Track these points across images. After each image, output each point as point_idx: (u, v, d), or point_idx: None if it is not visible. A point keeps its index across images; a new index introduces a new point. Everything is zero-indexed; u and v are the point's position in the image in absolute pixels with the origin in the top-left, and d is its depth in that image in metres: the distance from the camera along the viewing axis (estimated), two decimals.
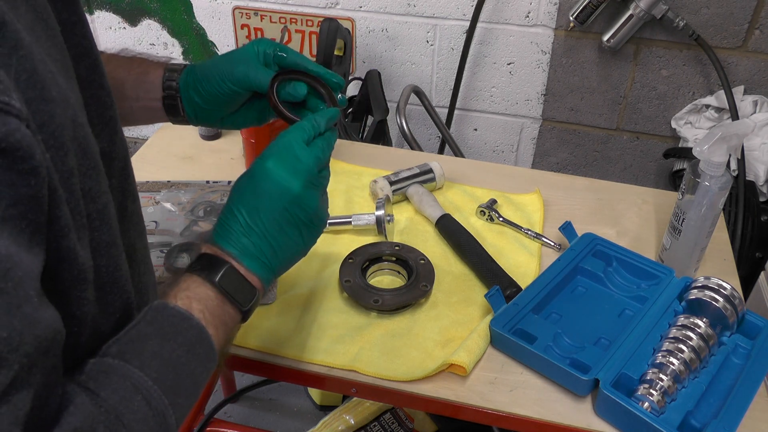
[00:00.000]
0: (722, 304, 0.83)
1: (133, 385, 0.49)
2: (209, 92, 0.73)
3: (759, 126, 1.52)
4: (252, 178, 0.63)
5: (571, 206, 1.13)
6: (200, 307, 0.56)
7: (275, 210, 0.62)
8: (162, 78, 0.74)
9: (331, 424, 1.54)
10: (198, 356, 0.55)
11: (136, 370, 0.50)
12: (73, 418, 0.42)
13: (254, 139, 1.13)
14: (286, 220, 0.63)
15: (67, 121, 0.44)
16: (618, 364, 0.80)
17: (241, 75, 0.71)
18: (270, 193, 0.62)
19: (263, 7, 1.82)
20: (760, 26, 1.51)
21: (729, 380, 0.81)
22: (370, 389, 0.83)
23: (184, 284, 0.58)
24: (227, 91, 0.72)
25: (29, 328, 0.37)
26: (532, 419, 0.79)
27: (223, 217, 0.63)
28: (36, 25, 0.44)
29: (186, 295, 0.57)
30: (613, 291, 0.95)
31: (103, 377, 0.48)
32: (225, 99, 0.73)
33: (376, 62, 1.83)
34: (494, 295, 0.87)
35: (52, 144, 0.42)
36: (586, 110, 1.74)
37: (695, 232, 0.92)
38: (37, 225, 0.40)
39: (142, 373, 0.50)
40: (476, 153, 1.91)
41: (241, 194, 0.63)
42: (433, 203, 1.09)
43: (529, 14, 1.64)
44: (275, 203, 0.62)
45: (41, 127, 0.41)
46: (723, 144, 0.85)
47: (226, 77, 0.71)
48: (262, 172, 0.63)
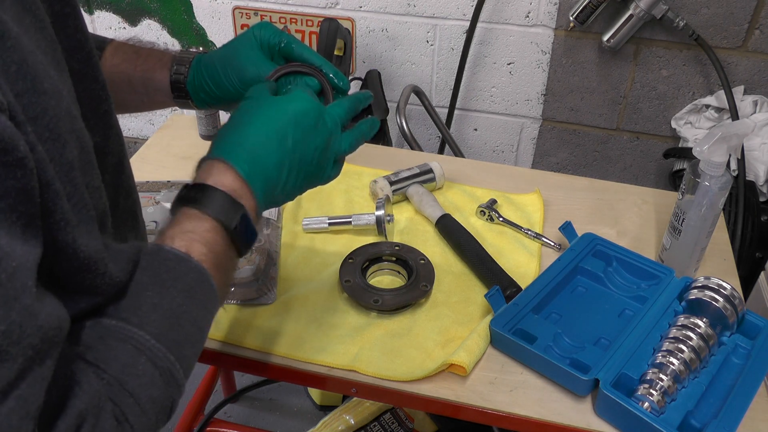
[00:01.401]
0: (722, 304, 0.83)
1: (134, 347, 0.47)
2: (216, 87, 0.72)
3: (759, 126, 1.52)
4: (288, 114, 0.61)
5: (571, 206, 1.13)
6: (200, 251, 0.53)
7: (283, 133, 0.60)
8: (169, 78, 0.73)
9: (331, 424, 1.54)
10: (200, 301, 0.53)
11: (135, 330, 0.48)
12: (77, 401, 0.42)
13: None
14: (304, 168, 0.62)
15: (62, 113, 0.44)
16: (618, 364, 0.80)
17: (245, 75, 0.70)
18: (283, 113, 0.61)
19: (263, 7, 1.82)
20: (760, 26, 1.51)
21: (729, 380, 0.81)
22: (370, 389, 0.83)
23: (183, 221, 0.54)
24: (233, 89, 0.71)
25: (29, 320, 0.37)
26: (532, 419, 0.79)
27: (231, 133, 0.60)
28: (23, 17, 0.44)
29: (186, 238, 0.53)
30: (613, 291, 0.95)
31: (102, 345, 0.47)
32: (233, 93, 0.72)
33: (376, 62, 1.83)
34: (494, 295, 0.87)
35: (47, 137, 0.42)
36: (586, 110, 1.74)
37: (695, 232, 0.92)
38: (30, 217, 0.39)
39: (142, 331, 0.48)
40: (476, 153, 1.91)
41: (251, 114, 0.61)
42: (433, 203, 1.09)
43: (529, 14, 1.64)
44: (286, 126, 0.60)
45: (34, 120, 0.40)
46: (723, 144, 0.85)
47: (232, 75, 0.70)
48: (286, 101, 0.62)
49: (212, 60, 0.72)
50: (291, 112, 0.61)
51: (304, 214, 1.08)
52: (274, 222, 1.04)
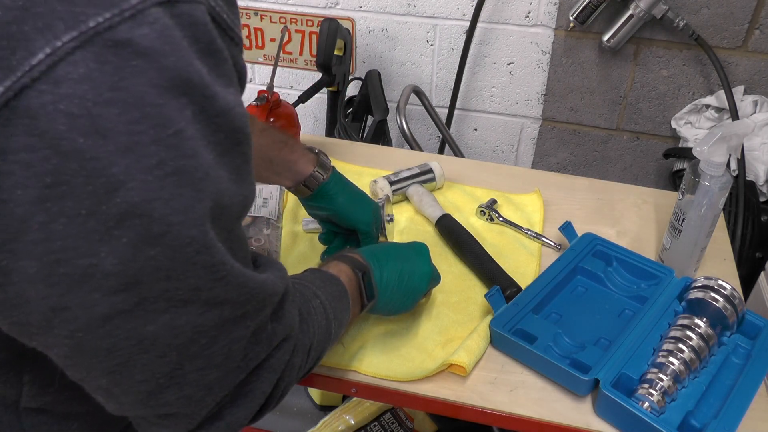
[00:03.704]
0: (722, 304, 0.83)
1: (313, 293, 0.66)
2: (329, 216, 0.91)
3: (759, 126, 1.52)
4: (410, 248, 0.84)
5: (571, 206, 1.13)
6: (345, 279, 0.72)
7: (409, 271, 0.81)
8: (308, 176, 0.87)
9: (331, 424, 1.54)
10: (344, 306, 0.71)
11: (313, 287, 0.67)
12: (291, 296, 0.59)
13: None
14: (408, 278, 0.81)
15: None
16: (618, 364, 0.80)
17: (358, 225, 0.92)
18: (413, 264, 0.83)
19: (263, 7, 1.82)
20: (760, 26, 1.51)
21: (729, 380, 0.81)
22: (370, 389, 0.83)
23: (334, 264, 0.74)
24: (343, 225, 0.92)
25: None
26: (532, 419, 0.79)
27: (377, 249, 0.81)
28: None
29: (337, 269, 0.73)
30: (613, 291, 0.95)
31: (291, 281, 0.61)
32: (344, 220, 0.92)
33: (376, 62, 1.83)
34: (494, 295, 0.87)
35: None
36: (586, 110, 1.74)
37: (695, 232, 0.92)
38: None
39: (318, 291, 0.67)
40: (476, 153, 1.92)
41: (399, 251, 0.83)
42: (433, 203, 1.09)
43: (529, 14, 1.64)
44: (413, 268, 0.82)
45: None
46: (723, 144, 0.85)
47: (347, 220, 0.91)
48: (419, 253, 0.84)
49: (344, 198, 0.90)
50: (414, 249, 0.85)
51: (304, 214, 1.08)
52: (274, 222, 1.03)
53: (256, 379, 0.55)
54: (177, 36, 0.38)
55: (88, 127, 0.36)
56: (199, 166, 0.41)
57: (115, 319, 0.41)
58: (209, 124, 0.41)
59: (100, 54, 0.36)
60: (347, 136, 1.58)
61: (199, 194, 0.41)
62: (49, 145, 0.35)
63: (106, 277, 0.40)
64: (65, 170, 0.36)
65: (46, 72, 0.35)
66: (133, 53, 0.37)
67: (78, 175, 0.36)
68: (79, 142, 0.36)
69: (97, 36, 0.36)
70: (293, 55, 1.88)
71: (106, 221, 0.38)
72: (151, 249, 0.40)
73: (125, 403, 0.47)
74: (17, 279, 0.38)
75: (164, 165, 0.39)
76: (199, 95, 0.40)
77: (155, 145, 0.38)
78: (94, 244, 0.38)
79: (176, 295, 0.43)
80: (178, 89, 0.39)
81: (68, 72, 0.35)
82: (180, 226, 0.41)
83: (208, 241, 0.43)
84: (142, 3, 0.37)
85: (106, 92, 0.36)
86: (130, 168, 0.38)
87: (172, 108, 0.39)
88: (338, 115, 1.66)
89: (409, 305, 0.83)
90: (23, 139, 0.35)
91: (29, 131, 0.35)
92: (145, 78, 0.37)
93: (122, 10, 0.36)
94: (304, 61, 1.89)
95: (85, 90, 0.35)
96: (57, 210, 0.37)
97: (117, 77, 0.36)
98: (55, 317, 0.40)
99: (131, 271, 0.40)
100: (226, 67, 0.43)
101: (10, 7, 0.34)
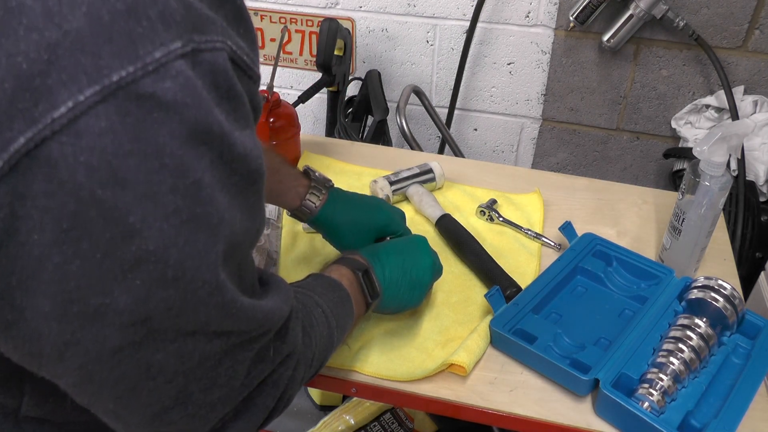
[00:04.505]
0: (722, 304, 0.83)
1: (315, 302, 0.67)
2: (335, 233, 0.89)
3: (759, 126, 1.52)
4: (409, 243, 0.84)
5: (571, 206, 1.13)
6: (347, 283, 0.73)
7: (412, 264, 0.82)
8: (296, 208, 0.86)
9: (331, 424, 1.54)
10: (347, 311, 0.72)
11: (316, 296, 0.68)
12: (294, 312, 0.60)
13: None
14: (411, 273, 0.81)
15: None
16: (618, 364, 0.80)
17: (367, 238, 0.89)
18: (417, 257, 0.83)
19: (263, 7, 1.82)
20: (760, 26, 1.51)
21: (729, 380, 0.81)
22: (370, 389, 0.83)
23: (335, 268, 0.75)
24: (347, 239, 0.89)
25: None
26: (532, 419, 0.79)
27: (377, 248, 0.82)
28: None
29: (338, 273, 0.74)
30: (613, 291, 0.95)
31: (294, 292, 0.62)
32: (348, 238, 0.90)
33: (376, 62, 1.83)
34: (494, 295, 0.87)
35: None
36: (586, 110, 1.74)
37: (695, 232, 0.92)
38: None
39: (320, 298, 0.67)
40: (476, 153, 1.92)
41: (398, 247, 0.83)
42: (433, 203, 1.09)
43: (529, 14, 1.64)
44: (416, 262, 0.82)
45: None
46: (723, 144, 0.85)
47: (342, 249, 0.90)
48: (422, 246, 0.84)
49: (343, 214, 0.87)
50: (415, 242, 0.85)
51: None
52: (274, 222, 1.03)
53: (259, 395, 0.56)
54: (198, 86, 0.39)
55: (108, 178, 0.36)
56: (215, 211, 0.42)
57: (125, 351, 0.42)
58: (226, 169, 0.42)
59: (122, 107, 0.36)
60: (347, 136, 1.58)
61: (213, 239, 0.42)
62: (67, 193, 0.36)
63: (119, 314, 0.40)
64: (83, 216, 0.37)
65: (68, 125, 0.35)
66: (155, 106, 0.37)
67: (95, 222, 0.37)
68: (97, 192, 0.36)
69: (120, 90, 0.36)
70: (293, 55, 1.88)
71: (122, 264, 0.39)
72: (164, 291, 0.41)
73: (131, 423, 0.48)
74: (30, 316, 0.39)
75: (181, 213, 0.40)
76: (218, 143, 0.41)
77: (173, 194, 0.39)
78: (108, 284, 0.39)
79: (186, 327, 0.44)
80: (198, 139, 0.39)
81: (90, 125, 0.35)
82: (194, 271, 0.42)
83: (220, 282, 0.44)
84: (165, 56, 0.37)
85: (126, 144, 0.36)
86: (147, 216, 0.38)
87: (191, 157, 0.39)
88: (338, 115, 1.66)
89: (416, 299, 0.83)
90: (42, 186, 0.35)
91: (48, 179, 0.35)
92: (166, 129, 0.38)
93: (146, 63, 0.37)
94: (304, 61, 1.89)
95: (106, 143, 0.36)
96: (73, 252, 0.37)
97: (138, 129, 0.37)
98: (66, 351, 0.40)
99: (143, 309, 0.41)
100: (244, 110, 0.44)
101: (35, 60, 0.34)
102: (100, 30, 0.35)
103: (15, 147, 0.34)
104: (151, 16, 0.37)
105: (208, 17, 0.40)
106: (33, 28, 0.34)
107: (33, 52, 0.34)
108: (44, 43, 0.34)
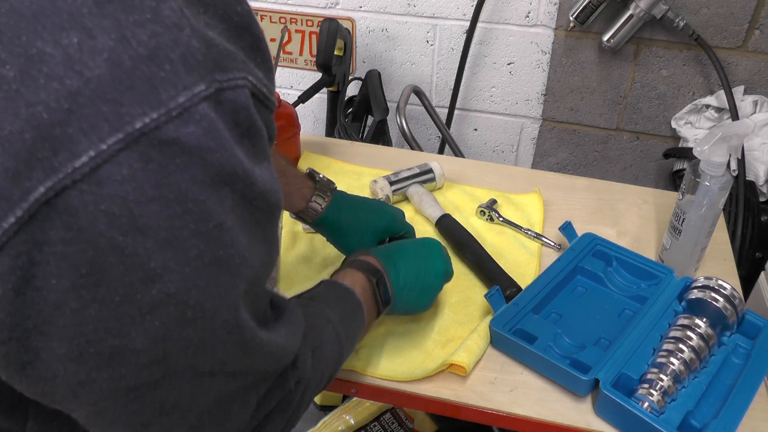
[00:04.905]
0: (722, 304, 0.83)
1: (326, 317, 0.65)
2: (339, 236, 0.89)
3: (759, 126, 1.52)
4: (424, 246, 0.83)
5: (571, 206, 1.13)
6: (360, 290, 0.72)
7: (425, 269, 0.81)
8: (302, 210, 0.86)
9: (331, 424, 1.54)
10: (359, 321, 0.71)
11: (326, 309, 0.66)
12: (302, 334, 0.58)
13: None
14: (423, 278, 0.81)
15: None
16: (618, 364, 0.80)
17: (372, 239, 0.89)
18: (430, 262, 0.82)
19: (263, 7, 1.82)
20: (760, 26, 1.51)
21: (729, 380, 0.81)
22: (370, 389, 0.83)
23: (349, 273, 0.74)
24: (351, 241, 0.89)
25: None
26: (532, 419, 0.79)
27: (392, 249, 0.81)
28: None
29: (352, 280, 0.73)
30: (613, 291, 0.95)
31: (305, 308, 0.62)
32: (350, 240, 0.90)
33: (376, 62, 1.83)
34: (494, 295, 0.87)
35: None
36: (586, 110, 1.74)
37: (695, 232, 0.92)
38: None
39: (330, 311, 0.66)
40: (476, 153, 1.92)
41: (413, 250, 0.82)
42: (433, 203, 1.09)
43: (529, 14, 1.64)
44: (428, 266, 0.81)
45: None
46: (723, 144, 0.85)
47: (345, 251, 0.90)
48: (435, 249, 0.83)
49: (348, 215, 0.88)
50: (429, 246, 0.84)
51: None
52: None
53: (268, 422, 0.56)
54: (221, 128, 0.38)
55: (129, 225, 0.36)
56: (237, 253, 0.41)
57: (140, 389, 0.42)
58: (248, 208, 0.42)
59: (145, 153, 0.35)
60: (347, 136, 1.58)
61: (234, 279, 0.42)
62: (86, 241, 0.35)
63: (136, 355, 0.40)
64: (102, 263, 0.36)
65: (90, 174, 0.34)
66: (178, 151, 0.36)
67: (115, 268, 0.36)
68: (118, 240, 0.36)
69: (143, 137, 0.35)
70: (293, 55, 1.88)
71: (140, 308, 0.38)
72: (183, 330, 0.40)
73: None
74: (46, 357, 0.38)
75: (203, 256, 0.39)
76: (240, 184, 0.40)
77: (195, 238, 0.38)
78: (125, 327, 0.38)
79: (203, 367, 0.44)
80: (221, 182, 0.39)
81: (112, 173, 0.35)
82: (214, 311, 0.41)
83: (240, 321, 0.44)
84: (189, 100, 0.37)
85: (149, 190, 0.36)
86: (168, 261, 0.38)
87: (214, 201, 0.39)
88: (338, 115, 1.66)
89: (425, 304, 0.83)
90: (61, 233, 0.35)
91: (67, 227, 0.35)
92: (188, 174, 0.37)
93: (169, 109, 0.36)
94: (304, 61, 1.89)
95: (128, 190, 0.35)
96: (90, 297, 0.37)
97: (161, 175, 0.36)
98: (81, 389, 0.40)
99: (160, 349, 0.40)
100: (263, 144, 0.43)
101: (55, 109, 0.34)
102: (121, 77, 0.35)
103: (35, 196, 0.34)
104: (173, 59, 0.36)
105: (228, 52, 0.40)
106: (53, 76, 0.34)
107: (53, 102, 0.34)
108: (65, 91, 0.34)
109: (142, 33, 0.35)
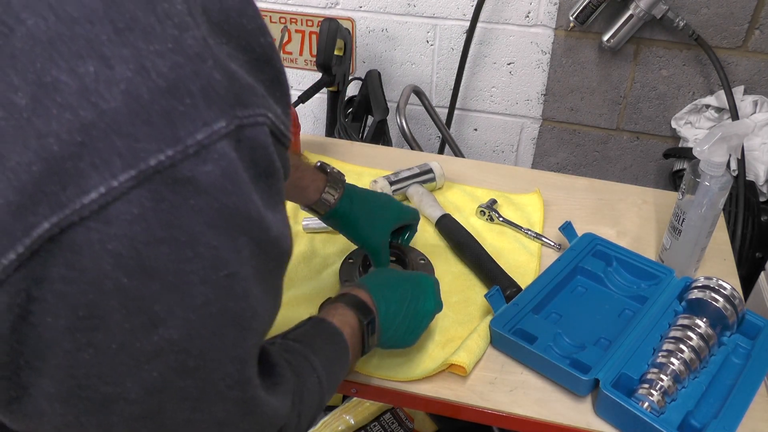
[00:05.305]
0: (722, 304, 0.83)
1: (311, 366, 0.61)
2: (352, 227, 0.88)
3: (759, 126, 1.52)
4: (417, 286, 0.80)
5: (571, 206, 1.13)
6: (348, 332, 0.68)
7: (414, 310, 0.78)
8: (316, 201, 0.85)
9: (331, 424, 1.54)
10: (343, 364, 0.68)
11: (312, 355, 0.62)
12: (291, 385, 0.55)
13: None
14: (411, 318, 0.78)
15: None
16: (618, 364, 0.80)
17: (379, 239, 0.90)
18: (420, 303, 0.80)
19: (263, 7, 1.82)
20: (760, 26, 1.51)
21: (729, 380, 0.81)
22: (370, 389, 0.83)
23: (341, 310, 0.70)
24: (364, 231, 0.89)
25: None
26: (532, 419, 0.79)
27: (384, 285, 0.77)
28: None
29: (341, 321, 0.69)
30: (613, 291, 0.95)
31: (290, 355, 0.59)
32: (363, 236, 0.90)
33: (376, 62, 1.83)
34: (494, 295, 0.87)
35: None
36: (586, 110, 1.74)
37: (695, 232, 0.92)
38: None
39: (315, 358, 0.62)
40: (476, 153, 1.92)
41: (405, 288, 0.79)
42: (433, 203, 1.09)
43: (529, 14, 1.64)
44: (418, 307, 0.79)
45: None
46: (723, 144, 0.85)
47: (357, 241, 0.91)
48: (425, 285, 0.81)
49: (361, 209, 0.87)
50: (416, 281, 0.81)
51: (305, 215, 1.08)
52: None
53: None
54: (239, 168, 0.37)
55: (135, 267, 0.34)
56: (249, 306, 0.40)
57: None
58: (263, 257, 0.40)
59: (158, 192, 0.34)
60: (347, 136, 1.58)
61: (244, 333, 0.40)
62: (88, 281, 0.34)
63: (129, 405, 0.38)
64: (102, 305, 0.34)
65: (98, 211, 0.32)
66: (193, 192, 0.34)
67: (116, 312, 0.35)
68: (123, 281, 0.34)
69: (157, 174, 0.33)
70: (293, 55, 1.88)
71: (139, 356, 0.36)
72: (183, 381, 0.39)
73: None
74: (35, 393, 0.37)
75: (210, 305, 0.37)
76: (256, 231, 0.39)
77: (204, 285, 0.37)
78: (120, 376, 0.37)
79: (199, 427, 0.42)
80: (237, 229, 0.37)
81: (121, 212, 0.33)
82: (217, 363, 0.39)
83: (244, 377, 0.42)
84: (208, 138, 0.35)
85: (158, 231, 0.34)
86: (173, 307, 0.36)
87: (228, 249, 0.37)
88: (338, 115, 1.66)
89: (409, 342, 0.81)
90: (62, 271, 0.33)
91: (69, 264, 0.33)
92: (202, 217, 0.35)
93: (187, 146, 0.34)
94: (304, 61, 1.89)
95: (137, 231, 0.33)
96: (86, 341, 0.35)
97: (172, 216, 0.34)
98: (68, 430, 0.39)
99: (156, 401, 0.38)
100: (279, 185, 0.42)
101: (66, 141, 0.32)
102: (138, 110, 0.33)
103: (38, 232, 0.32)
104: (193, 92, 0.34)
105: (249, 87, 0.38)
106: (67, 106, 0.32)
107: (65, 133, 0.32)
108: (78, 123, 0.32)
109: (162, 64, 0.33)
